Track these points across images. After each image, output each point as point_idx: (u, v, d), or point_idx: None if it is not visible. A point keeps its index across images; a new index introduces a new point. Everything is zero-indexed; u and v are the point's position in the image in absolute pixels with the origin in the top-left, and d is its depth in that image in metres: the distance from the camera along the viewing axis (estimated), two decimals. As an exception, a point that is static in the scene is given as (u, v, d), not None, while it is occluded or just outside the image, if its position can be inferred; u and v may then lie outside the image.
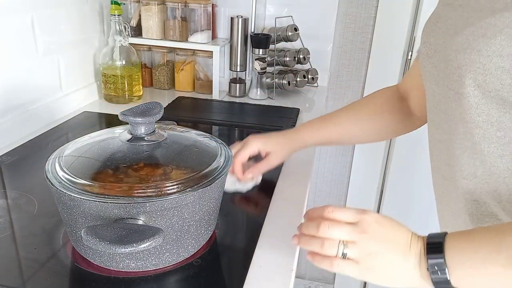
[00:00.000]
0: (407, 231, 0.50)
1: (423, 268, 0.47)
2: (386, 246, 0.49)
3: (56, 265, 0.57)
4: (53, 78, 1.07)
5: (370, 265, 0.49)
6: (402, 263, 0.48)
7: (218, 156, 0.60)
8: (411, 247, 0.48)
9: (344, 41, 1.48)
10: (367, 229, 0.49)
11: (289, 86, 1.35)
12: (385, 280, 0.49)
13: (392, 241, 0.49)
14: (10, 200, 0.72)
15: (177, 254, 0.57)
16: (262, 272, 0.58)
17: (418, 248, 0.48)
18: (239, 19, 1.30)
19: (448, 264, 0.45)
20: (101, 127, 1.08)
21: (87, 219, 0.53)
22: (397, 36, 1.42)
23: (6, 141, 0.92)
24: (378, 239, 0.49)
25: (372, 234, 0.49)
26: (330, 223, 0.51)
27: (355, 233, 0.49)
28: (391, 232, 0.49)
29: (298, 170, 0.89)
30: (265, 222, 0.69)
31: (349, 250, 0.49)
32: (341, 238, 0.50)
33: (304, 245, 0.53)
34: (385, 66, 1.46)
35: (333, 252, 0.50)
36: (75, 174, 0.53)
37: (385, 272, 0.49)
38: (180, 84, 1.40)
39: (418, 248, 0.48)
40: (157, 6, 1.27)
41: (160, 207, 0.52)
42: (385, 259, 0.48)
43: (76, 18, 1.13)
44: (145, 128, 0.60)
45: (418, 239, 0.49)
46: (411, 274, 0.48)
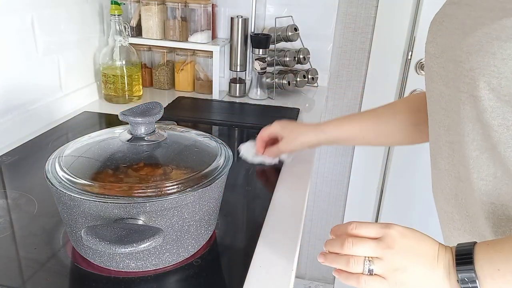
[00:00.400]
0: (434, 243, 0.49)
1: (452, 280, 0.46)
2: (413, 260, 0.48)
3: (56, 265, 0.57)
4: (53, 78, 1.07)
5: (398, 280, 0.48)
6: (430, 276, 0.47)
7: (218, 156, 0.60)
8: (438, 259, 0.48)
9: (344, 41, 1.48)
10: (392, 244, 0.48)
11: (289, 86, 1.35)
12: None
13: (419, 255, 0.48)
14: (10, 200, 0.72)
15: (177, 254, 0.57)
16: (262, 272, 0.58)
17: (446, 260, 0.47)
18: (239, 19, 1.30)
19: (478, 275, 0.45)
20: (101, 127, 1.08)
21: (87, 219, 0.53)
22: (397, 36, 1.42)
23: (6, 141, 0.92)
24: (404, 253, 0.48)
25: (397, 248, 0.48)
26: (354, 239, 0.50)
27: (380, 249, 0.49)
28: (417, 245, 0.49)
29: (298, 170, 0.89)
30: (265, 222, 0.69)
31: (375, 267, 0.48)
32: (366, 255, 0.49)
33: (330, 263, 0.52)
34: (385, 66, 1.47)
35: (359, 270, 0.49)
36: (75, 174, 0.53)
37: (414, 286, 0.48)
38: (180, 84, 1.40)
39: (446, 260, 0.47)
40: (157, 6, 1.27)
41: (160, 207, 0.52)
42: (413, 273, 0.48)
43: (76, 18, 1.13)
44: (145, 128, 0.60)
45: (446, 250, 0.48)
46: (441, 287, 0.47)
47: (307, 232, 1.79)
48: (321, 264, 0.53)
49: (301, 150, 0.85)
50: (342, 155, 1.64)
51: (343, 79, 1.53)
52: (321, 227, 1.77)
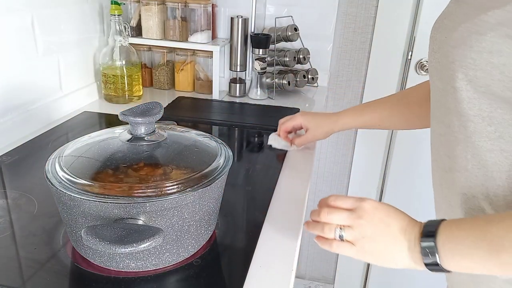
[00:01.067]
0: (404, 217, 0.54)
1: (416, 252, 0.50)
2: (380, 230, 0.53)
3: (56, 265, 0.57)
4: (53, 78, 1.07)
5: (365, 248, 0.54)
6: (395, 246, 0.52)
7: (218, 156, 0.60)
8: (406, 232, 0.52)
9: (344, 41, 1.48)
10: (363, 215, 0.54)
11: (289, 86, 1.35)
12: (382, 261, 0.54)
13: (387, 226, 0.53)
14: (10, 200, 0.72)
15: (177, 254, 0.57)
16: (262, 272, 0.58)
17: (413, 233, 0.51)
18: (239, 19, 1.30)
19: (438, 248, 0.49)
20: (101, 127, 1.08)
21: (87, 219, 0.53)
22: (397, 36, 1.42)
23: (6, 141, 0.92)
24: (373, 224, 0.53)
25: (367, 219, 0.54)
26: (329, 209, 0.56)
27: (351, 218, 0.55)
28: (386, 218, 0.54)
29: (298, 170, 0.89)
30: (265, 222, 0.69)
31: (346, 234, 0.55)
32: (338, 223, 0.55)
33: (310, 230, 0.59)
34: (385, 66, 1.47)
35: (332, 235, 0.56)
36: (75, 174, 0.53)
37: (380, 254, 0.53)
38: (180, 84, 1.40)
39: (413, 233, 0.51)
40: (157, 6, 1.27)
41: (160, 207, 0.52)
42: (379, 242, 0.53)
43: (76, 18, 1.13)
44: (145, 128, 0.60)
45: (415, 224, 0.53)
46: (406, 256, 0.51)
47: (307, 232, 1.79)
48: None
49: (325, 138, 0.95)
50: (342, 155, 1.64)
51: (343, 79, 1.53)
52: (321, 227, 1.77)
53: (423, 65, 1.44)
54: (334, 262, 1.81)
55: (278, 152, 0.97)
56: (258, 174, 0.87)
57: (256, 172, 0.88)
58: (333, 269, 1.83)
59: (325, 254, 1.81)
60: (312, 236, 0.60)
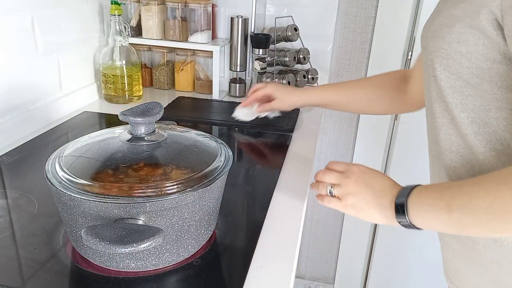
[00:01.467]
0: (387, 180, 0.62)
1: (391, 208, 0.58)
2: (363, 189, 0.62)
3: (56, 265, 0.57)
4: (53, 78, 1.08)
5: (349, 203, 0.62)
6: (375, 203, 0.60)
7: (218, 156, 0.60)
8: (386, 192, 0.60)
9: (344, 41, 1.49)
10: (350, 175, 0.63)
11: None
12: (362, 215, 0.62)
13: (370, 185, 0.61)
14: (10, 200, 0.72)
15: (177, 254, 0.57)
16: (262, 272, 0.58)
17: (392, 193, 0.59)
18: (239, 19, 1.30)
19: (408, 206, 0.56)
20: (101, 127, 1.08)
21: (87, 219, 0.53)
22: (397, 36, 1.43)
23: (6, 141, 0.92)
24: (358, 183, 0.62)
25: (353, 179, 0.63)
26: (325, 171, 0.67)
27: (340, 178, 0.64)
28: (370, 179, 0.62)
29: (298, 170, 0.89)
30: (265, 222, 0.69)
31: (335, 190, 0.64)
32: (330, 182, 0.65)
33: (311, 188, 0.70)
34: (385, 66, 1.47)
35: (324, 192, 0.66)
36: (75, 174, 0.53)
37: (361, 209, 0.61)
38: (180, 84, 1.40)
39: (392, 193, 0.59)
40: (157, 6, 1.27)
41: (160, 207, 0.52)
42: (361, 199, 0.61)
43: (76, 18, 1.13)
44: (145, 128, 0.60)
45: (395, 186, 0.60)
46: (384, 213, 0.59)
47: (307, 232, 1.79)
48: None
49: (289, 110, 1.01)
50: (342, 155, 1.64)
51: (343, 79, 1.53)
52: (321, 227, 1.77)
53: (423, 65, 1.44)
54: (334, 262, 1.81)
55: (278, 152, 0.97)
56: (258, 174, 0.87)
57: (256, 172, 0.88)
58: (333, 269, 1.83)
59: (325, 254, 1.81)
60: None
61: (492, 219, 0.47)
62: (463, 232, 0.55)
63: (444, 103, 0.56)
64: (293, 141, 1.03)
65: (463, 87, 0.54)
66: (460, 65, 0.53)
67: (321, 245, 1.80)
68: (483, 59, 0.51)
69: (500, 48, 0.50)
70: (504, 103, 0.52)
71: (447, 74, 0.55)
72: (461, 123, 0.55)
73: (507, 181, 0.46)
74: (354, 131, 1.60)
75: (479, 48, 0.51)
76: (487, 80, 0.52)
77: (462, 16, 0.51)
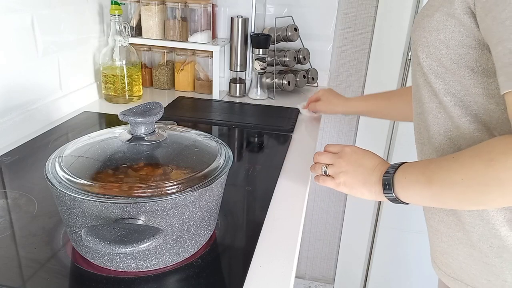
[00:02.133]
0: (377, 158, 0.66)
1: (379, 184, 0.62)
2: (354, 167, 0.66)
3: (56, 265, 0.57)
4: (53, 78, 1.08)
5: (342, 180, 0.67)
6: (365, 180, 0.64)
7: (218, 156, 0.60)
8: (375, 169, 0.63)
9: (344, 41, 1.48)
10: (343, 156, 0.68)
11: (289, 86, 1.35)
12: (354, 192, 0.66)
13: (361, 164, 0.66)
14: (10, 200, 0.72)
15: (177, 254, 0.57)
16: (262, 272, 0.58)
17: (380, 171, 0.63)
18: (239, 19, 1.30)
19: (394, 181, 0.59)
20: (101, 127, 1.08)
21: (87, 219, 0.53)
22: (397, 36, 1.42)
23: (6, 141, 0.92)
24: (349, 162, 0.67)
25: (345, 159, 0.68)
26: (320, 153, 0.73)
27: (333, 158, 0.70)
28: (361, 159, 0.66)
29: (298, 170, 0.89)
30: (265, 222, 0.69)
31: (328, 170, 0.70)
32: (324, 162, 0.71)
33: (310, 170, 0.75)
34: (385, 66, 1.47)
35: (320, 172, 0.71)
36: (75, 174, 0.53)
37: (352, 186, 0.66)
38: (180, 84, 1.40)
39: (380, 171, 0.63)
40: (157, 6, 1.27)
41: (160, 207, 0.52)
42: (352, 177, 0.66)
43: (76, 18, 1.13)
44: (145, 128, 0.60)
45: (384, 164, 0.64)
46: (373, 189, 0.63)
47: (307, 232, 1.79)
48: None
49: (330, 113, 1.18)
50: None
51: (343, 79, 1.53)
52: (321, 227, 1.77)
53: (423, 65, 1.44)
54: (334, 262, 1.81)
55: (278, 152, 0.97)
56: (258, 174, 0.87)
57: (256, 172, 0.88)
58: (333, 269, 1.83)
59: (325, 254, 1.81)
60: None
61: (467, 191, 0.50)
62: (444, 205, 0.58)
63: (431, 88, 0.60)
64: (293, 141, 1.03)
65: (444, 73, 0.57)
66: (440, 52, 0.56)
67: (321, 245, 1.80)
68: (459, 45, 0.54)
69: (474, 34, 0.53)
70: (481, 88, 0.55)
71: (429, 61, 0.58)
72: (447, 106, 0.58)
73: (480, 154, 0.49)
74: (354, 131, 1.60)
75: (455, 35, 0.54)
76: (464, 66, 0.55)
77: (439, 6, 0.55)
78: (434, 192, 0.54)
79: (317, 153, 0.73)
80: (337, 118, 1.60)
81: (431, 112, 0.61)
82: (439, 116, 0.60)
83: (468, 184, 0.50)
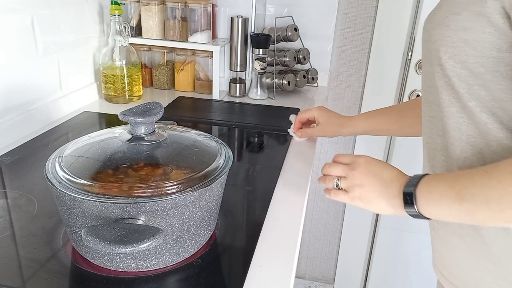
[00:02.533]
0: (394, 170, 0.61)
1: (400, 198, 0.57)
2: (370, 180, 0.61)
3: (56, 265, 0.57)
4: (53, 78, 1.07)
5: (357, 194, 0.62)
6: (383, 193, 0.59)
7: (218, 156, 0.60)
8: (393, 181, 0.59)
9: (344, 41, 1.48)
10: (356, 167, 0.63)
11: (289, 86, 1.35)
12: (370, 206, 0.61)
13: (376, 176, 0.61)
14: (10, 200, 0.72)
15: (177, 254, 0.57)
16: (262, 272, 0.58)
17: (399, 183, 0.58)
18: (239, 19, 1.30)
19: (416, 195, 0.55)
20: (101, 127, 1.08)
21: (87, 219, 0.53)
22: (397, 36, 1.42)
23: (6, 141, 0.92)
24: (364, 174, 0.62)
25: (359, 171, 0.62)
26: (331, 164, 0.67)
27: (346, 170, 0.64)
28: (377, 170, 0.61)
29: (298, 170, 0.89)
30: (265, 222, 0.69)
31: (341, 183, 0.64)
32: (336, 174, 0.65)
33: (319, 181, 0.70)
34: (385, 66, 1.47)
35: (331, 185, 0.66)
36: (75, 174, 0.53)
37: (368, 200, 0.61)
38: (180, 84, 1.40)
39: (399, 183, 0.58)
40: (157, 6, 1.27)
41: (160, 207, 0.52)
42: (368, 190, 0.61)
43: (76, 18, 1.13)
44: (145, 128, 0.60)
45: (403, 176, 0.59)
46: (390, 203, 0.58)
47: (307, 232, 1.79)
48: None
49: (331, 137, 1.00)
50: (342, 155, 1.64)
51: (343, 79, 1.53)
52: (321, 227, 1.77)
53: (423, 65, 1.44)
54: (334, 262, 1.81)
55: (278, 152, 0.97)
56: (258, 174, 0.87)
57: (256, 172, 0.88)
58: (333, 269, 1.83)
59: (325, 254, 1.81)
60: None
61: (504, 209, 0.47)
62: (474, 222, 0.53)
63: (453, 91, 0.55)
64: (293, 141, 1.03)
65: (468, 76, 0.52)
66: (465, 53, 0.52)
67: (321, 245, 1.80)
68: (489, 47, 0.50)
69: (507, 36, 0.49)
70: (509, 94, 0.51)
71: (452, 62, 0.53)
72: (472, 111, 0.54)
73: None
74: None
75: (485, 36, 0.50)
76: (491, 70, 0.51)
77: (468, 4, 0.50)
78: (465, 208, 0.50)
79: (327, 164, 0.67)
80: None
81: (452, 117, 0.56)
82: (460, 122, 0.55)
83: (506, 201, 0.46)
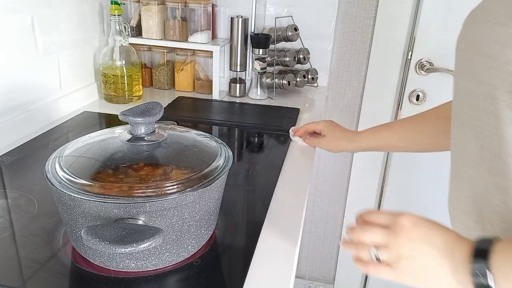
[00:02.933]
0: (449, 233, 0.47)
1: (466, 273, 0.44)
2: (421, 250, 0.47)
3: (56, 265, 0.57)
4: (53, 78, 1.07)
5: (405, 270, 0.47)
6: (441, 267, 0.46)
7: (218, 156, 0.60)
8: (453, 251, 0.46)
9: (344, 41, 1.48)
10: (400, 232, 0.48)
11: (289, 86, 1.35)
12: (425, 284, 0.47)
13: (429, 244, 0.47)
14: (10, 200, 0.72)
15: (177, 254, 0.57)
16: (262, 272, 0.58)
17: (462, 252, 0.45)
18: (239, 19, 1.30)
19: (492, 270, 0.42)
20: (101, 127, 1.08)
21: (87, 219, 0.53)
22: (397, 36, 1.42)
23: (6, 141, 0.92)
24: (413, 242, 0.47)
25: (405, 237, 0.47)
26: (363, 227, 0.51)
27: (387, 236, 0.48)
28: (428, 235, 0.47)
29: (298, 170, 0.89)
30: (265, 222, 0.69)
31: (382, 254, 0.48)
32: (373, 241, 0.49)
33: (345, 248, 0.53)
34: (385, 66, 1.46)
35: (366, 256, 0.50)
36: (75, 174, 0.53)
37: (423, 276, 0.47)
38: (180, 84, 1.40)
39: (462, 252, 0.45)
40: (157, 6, 1.27)
41: (160, 207, 0.52)
42: (421, 263, 0.47)
43: (76, 18, 1.13)
44: (145, 128, 0.60)
45: (463, 242, 0.46)
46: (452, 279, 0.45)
47: (307, 232, 1.79)
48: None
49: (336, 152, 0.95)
50: (342, 155, 1.64)
51: (343, 79, 1.53)
52: (321, 227, 1.77)
53: (423, 65, 1.44)
54: (334, 262, 1.81)
55: (278, 152, 0.97)
56: (258, 174, 0.87)
57: (256, 172, 0.88)
58: (333, 269, 1.83)
59: (325, 254, 1.81)
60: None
61: None
62: None
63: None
64: (293, 141, 1.03)
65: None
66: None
67: (321, 245, 1.80)
68: None
69: None
70: None
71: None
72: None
73: None
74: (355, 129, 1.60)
75: None
76: None
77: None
78: None
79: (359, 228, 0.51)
80: (337, 119, 1.60)
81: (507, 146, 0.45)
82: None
83: None
